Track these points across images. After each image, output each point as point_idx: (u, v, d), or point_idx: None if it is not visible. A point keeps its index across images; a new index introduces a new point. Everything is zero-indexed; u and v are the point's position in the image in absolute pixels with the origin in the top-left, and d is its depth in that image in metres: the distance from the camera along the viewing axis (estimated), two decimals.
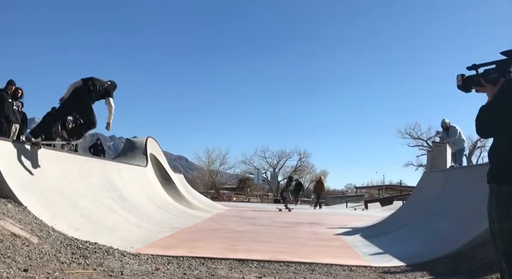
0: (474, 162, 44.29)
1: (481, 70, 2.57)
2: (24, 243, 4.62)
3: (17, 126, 11.01)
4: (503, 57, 2.48)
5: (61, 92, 7.48)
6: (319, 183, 24.77)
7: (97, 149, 18.08)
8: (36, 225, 5.38)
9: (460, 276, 4.72)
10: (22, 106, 11.28)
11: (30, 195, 6.22)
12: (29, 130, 11.29)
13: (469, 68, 2.65)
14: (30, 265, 4.12)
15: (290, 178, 30.58)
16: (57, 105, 12.65)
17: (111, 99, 7.70)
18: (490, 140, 2.56)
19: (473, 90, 2.58)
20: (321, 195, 24.65)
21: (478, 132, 2.51)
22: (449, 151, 11.95)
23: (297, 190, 29.64)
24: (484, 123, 2.43)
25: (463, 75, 2.59)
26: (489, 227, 2.45)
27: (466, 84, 2.57)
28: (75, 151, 13.47)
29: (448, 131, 11.80)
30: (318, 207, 24.19)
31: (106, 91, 7.65)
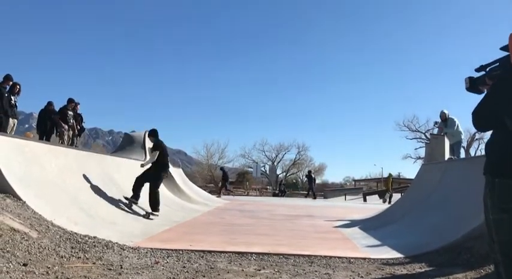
0: (472, 154, 44.34)
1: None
2: (24, 237, 4.62)
3: (15, 121, 11.01)
4: (505, 53, 2.51)
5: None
6: (388, 179, 26.35)
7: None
8: (35, 219, 5.39)
9: (458, 267, 4.74)
10: None
11: (29, 190, 6.22)
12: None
13: (477, 70, 2.69)
14: (30, 259, 4.13)
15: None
16: (52, 100, 13.07)
17: None
18: (488, 133, 2.61)
19: (485, 90, 2.62)
20: (388, 190, 25.45)
21: (475, 126, 2.57)
22: (447, 143, 11.96)
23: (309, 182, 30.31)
24: (479, 118, 2.48)
25: (470, 78, 2.64)
26: (485, 218, 2.48)
27: (473, 85, 2.62)
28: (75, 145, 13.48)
29: (446, 122, 11.83)
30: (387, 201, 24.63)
31: None
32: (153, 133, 10.01)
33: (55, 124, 13.02)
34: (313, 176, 32.09)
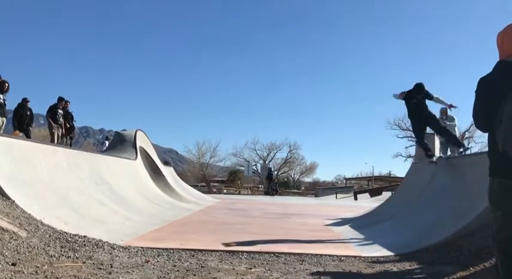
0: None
1: None
2: (12, 237, 4.58)
3: (4, 119, 10.90)
4: None
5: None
6: None
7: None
8: (24, 219, 5.34)
9: (448, 265, 4.77)
10: None
11: (18, 189, 6.16)
12: None
13: None
14: (19, 259, 4.09)
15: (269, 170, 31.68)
16: (27, 96, 12.76)
17: None
18: (479, 131, 2.77)
19: None
20: None
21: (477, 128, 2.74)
22: (437, 142, 12.07)
23: (269, 178, 30.73)
24: (474, 122, 2.63)
25: None
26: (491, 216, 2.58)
27: None
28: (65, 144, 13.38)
29: (447, 118, 12.15)
30: None
31: None
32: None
33: (31, 121, 12.80)
34: (272, 173, 32.70)
